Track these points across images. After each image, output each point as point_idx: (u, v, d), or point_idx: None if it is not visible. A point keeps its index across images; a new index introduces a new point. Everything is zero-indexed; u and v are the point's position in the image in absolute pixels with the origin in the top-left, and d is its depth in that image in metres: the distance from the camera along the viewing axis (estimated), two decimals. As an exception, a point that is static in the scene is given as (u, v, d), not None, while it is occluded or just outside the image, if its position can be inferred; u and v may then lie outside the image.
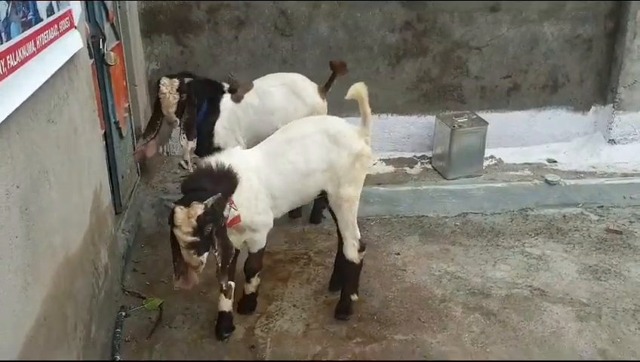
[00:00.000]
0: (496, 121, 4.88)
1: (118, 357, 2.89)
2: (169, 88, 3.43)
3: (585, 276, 3.58)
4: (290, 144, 2.97)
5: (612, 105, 4.98)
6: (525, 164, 4.94)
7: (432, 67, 4.87)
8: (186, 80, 3.50)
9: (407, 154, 5.11)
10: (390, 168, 4.94)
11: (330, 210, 3.16)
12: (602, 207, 4.39)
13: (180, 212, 2.48)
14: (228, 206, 2.68)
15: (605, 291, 3.44)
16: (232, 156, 2.86)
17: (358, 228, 3.11)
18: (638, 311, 3.26)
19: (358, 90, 2.90)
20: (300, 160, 2.95)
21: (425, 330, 3.13)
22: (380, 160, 5.02)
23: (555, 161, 4.99)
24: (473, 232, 4.08)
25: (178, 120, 3.49)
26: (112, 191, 3.58)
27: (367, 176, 4.67)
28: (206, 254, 2.55)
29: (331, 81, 3.85)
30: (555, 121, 5.13)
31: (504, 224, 4.18)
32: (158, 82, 3.49)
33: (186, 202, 2.51)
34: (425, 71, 4.88)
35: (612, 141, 5.04)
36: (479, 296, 3.42)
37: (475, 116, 4.82)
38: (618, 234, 4.04)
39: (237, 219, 2.79)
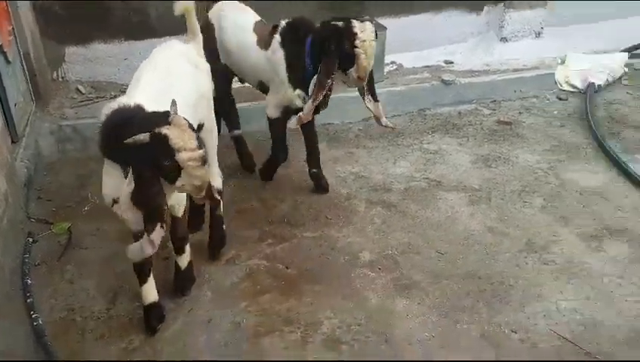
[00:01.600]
0: (396, 26, 4.96)
1: (29, 281, 2.89)
2: (367, 34, 2.89)
3: (477, 165, 3.86)
4: (167, 80, 2.55)
5: (503, 3, 5.18)
6: (424, 67, 5.11)
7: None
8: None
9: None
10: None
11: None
12: (494, 101, 4.67)
13: (173, 129, 2.06)
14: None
15: (495, 177, 3.74)
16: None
17: None
18: (523, 191, 3.58)
19: (186, 4, 2.78)
20: (184, 94, 2.56)
21: (332, 226, 3.32)
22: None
23: (452, 62, 5.19)
24: (375, 135, 4.25)
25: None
26: (6, 120, 3.44)
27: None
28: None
29: None
30: (451, 22, 5.28)
31: (404, 124, 4.38)
32: (348, 23, 2.91)
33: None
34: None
35: (504, 39, 5.29)
36: (381, 191, 3.63)
37: (374, 21, 4.88)
38: (508, 125, 4.34)
39: None
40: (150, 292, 2.68)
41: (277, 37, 3.19)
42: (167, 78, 2.55)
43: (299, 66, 3.13)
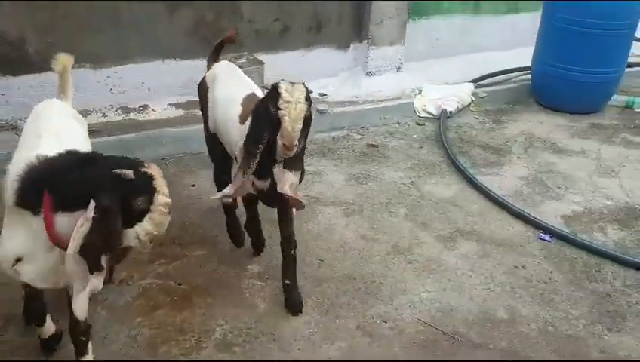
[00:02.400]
0: (272, 61, 5.37)
1: None
2: (294, 95, 2.52)
3: (350, 182, 4.31)
4: (65, 135, 2.54)
5: (366, 41, 5.79)
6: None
7: (207, 12, 5.16)
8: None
9: (195, 98, 5.38)
10: (180, 111, 5.19)
11: None
12: (363, 127, 5.19)
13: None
14: None
15: (366, 192, 4.19)
16: None
17: None
18: (390, 203, 4.05)
19: (64, 60, 2.85)
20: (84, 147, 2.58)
21: (220, 244, 3.55)
22: (169, 104, 5.23)
23: (326, 94, 5.67)
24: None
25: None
26: None
27: (158, 121, 4.97)
28: None
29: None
30: (322, 58, 5.79)
31: (284, 150, 4.75)
32: (275, 84, 2.59)
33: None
34: (201, 16, 5.15)
35: (369, 73, 5.87)
36: (268, 210, 3.92)
37: (252, 57, 5.26)
38: (375, 148, 4.85)
39: None
40: (48, 328, 2.66)
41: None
42: (64, 133, 2.53)
43: (255, 141, 2.67)
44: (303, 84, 2.63)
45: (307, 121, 2.60)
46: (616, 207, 4.06)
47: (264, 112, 2.60)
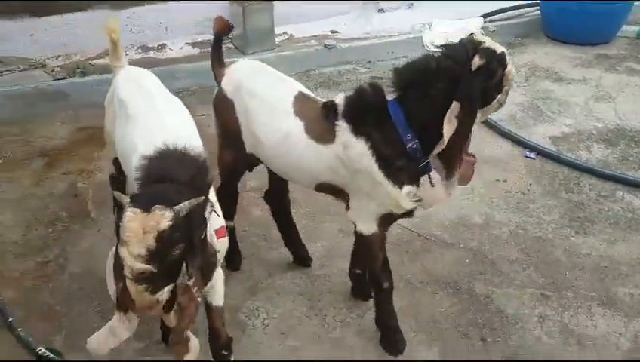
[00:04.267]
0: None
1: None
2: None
3: (350, 110, 4.52)
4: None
5: (378, -21, 5.89)
6: (312, 36, 5.73)
7: (220, -47, 5.35)
8: None
9: (210, 37, 5.65)
10: (196, 50, 5.48)
11: None
12: (370, 62, 5.35)
13: (133, 219, 1.59)
14: (209, 209, 1.80)
15: (364, 118, 4.40)
16: None
17: None
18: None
19: (112, 25, 2.58)
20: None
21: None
22: (186, 43, 5.52)
23: (337, 32, 5.83)
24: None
25: None
26: None
27: (175, 59, 5.27)
28: (167, 289, 1.68)
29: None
30: (335, -4, 5.93)
31: (291, 82, 4.99)
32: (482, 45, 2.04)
33: (144, 203, 1.62)
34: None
35: (381, 10, 6.00)
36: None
37: (262, -4, 5.44)
38: (380, 80, 5.02)
39: (222, 231, 2.00)
40: None
41: (341, 124, 2.19)
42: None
43: (397, 152, 2.13)
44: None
45: None
46: (607, 128, 4.16)
47: (487, 77, 2.02)
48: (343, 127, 2.19)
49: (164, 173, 1.77)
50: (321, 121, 2.25)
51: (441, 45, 2.25)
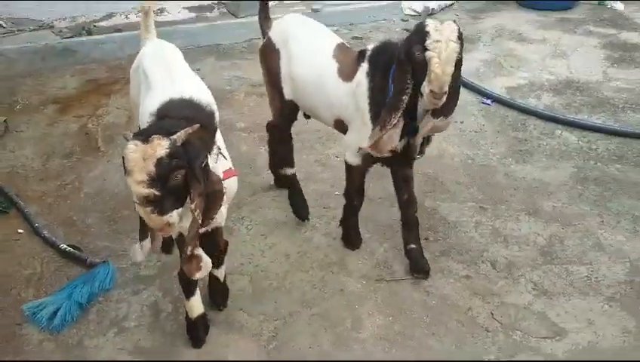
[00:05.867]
0: (273, -33, 6.01)
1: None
2: (444, 33, 2.19)
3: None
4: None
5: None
6: (301, 1, 6.20)
7: None
8: None
9: (207, 3, 6.15)
10: (192, 14, 5.97)
11: None
12: (352, 24, 5.84)
13: (134, 150, 1.80)
14: (216, 149, 2.10)
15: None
16: None
17: None
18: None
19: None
20: None
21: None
22: (183, 8, 6.00)
23: (324, -2, 6.30)
24: (256, 50, 5.31)
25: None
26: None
27: (172, 22, 5.75)
28: (176, 212, 1.89)
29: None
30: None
31: (279, 42, 5.49)
32: (420, 23, 2.27)
33: (145, 136, 1.83)
34: None
35: (364, -21, 6.44)
36: (257, 86, 4.71)
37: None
38: (360, 40, 5.51)
39: (229, 172, 2.24)
40: (196, 305, 2.50)
41: (364, 65, 2.53)
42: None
43: (384, 100, 2.42)
44: (454, 21, 2.26)
45: (458, 64, 2.23)
46: (557, 80, 4.67)
47: (407, 57, 2.26)
48: (363, 68, 2.54)
49: (168, 113, 2.05)
50: (352, 64, 2.60)
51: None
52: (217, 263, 2.54)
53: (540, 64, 4.94)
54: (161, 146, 1.79)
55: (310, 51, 2.76)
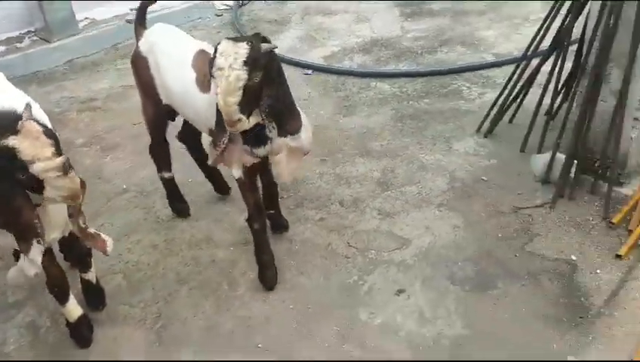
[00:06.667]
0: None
1: None
2: (226, 60, 2.13)
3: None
4: None
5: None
6: (114, 16, 6.17)
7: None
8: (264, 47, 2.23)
9: (13, 34, 5.91)
10: (1, 47, 5.71)
11: None
12: (170, 28, 5.96)
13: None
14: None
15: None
16: None
17: None
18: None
19: None
20: None
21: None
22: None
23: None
24: (79, 69, 5.27)
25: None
26: None
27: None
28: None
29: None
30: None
31: (101, 57, 5.46)
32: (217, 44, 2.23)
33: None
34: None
35: (172, -17, 6.58)
36: (87, 102, 4.69)
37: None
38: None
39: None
40: (73, 309, 2.56)
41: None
42: None
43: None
44: (250, 42, 2.14)
45: (250, 89, 2.13)
46: (364, 41, 5.24)
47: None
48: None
49: None
50: (206, 72, 2.34)
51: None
52: (85, 266, 2.64)
53: (347, 31, 5.47)
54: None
55: (175, 62, 2.72)
